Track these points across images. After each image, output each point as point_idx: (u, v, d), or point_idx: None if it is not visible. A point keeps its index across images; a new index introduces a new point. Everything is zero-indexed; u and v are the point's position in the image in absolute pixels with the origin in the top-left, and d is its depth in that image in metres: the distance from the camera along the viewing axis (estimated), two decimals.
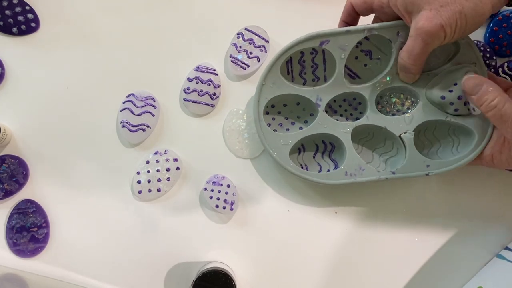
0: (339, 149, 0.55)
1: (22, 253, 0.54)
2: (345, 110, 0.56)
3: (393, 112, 0.53)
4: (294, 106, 0.56)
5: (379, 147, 0.56)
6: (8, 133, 0.54)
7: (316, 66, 0.55)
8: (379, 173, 0.52)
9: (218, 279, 0.50)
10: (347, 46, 0.51)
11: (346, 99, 0.56)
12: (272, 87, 0.52)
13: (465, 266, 0.57)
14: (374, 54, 0.55)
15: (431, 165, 0.51)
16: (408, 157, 0.51)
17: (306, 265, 0.56)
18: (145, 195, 0.54)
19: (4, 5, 0.55)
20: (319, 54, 0.55)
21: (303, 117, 0.56)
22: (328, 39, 0.51)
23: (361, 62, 0.55)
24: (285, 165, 0.52)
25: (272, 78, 0.52)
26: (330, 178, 0.52)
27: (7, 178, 0.54)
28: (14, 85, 0.55)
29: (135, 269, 0.55)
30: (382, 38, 0.51)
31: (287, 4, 0.57)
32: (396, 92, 0.53)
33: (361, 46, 0.55)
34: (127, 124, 0.54)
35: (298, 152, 0.56)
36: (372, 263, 0.57)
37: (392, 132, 0.52)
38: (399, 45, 0.50)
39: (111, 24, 0.56)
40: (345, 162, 0.52)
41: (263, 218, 0.56)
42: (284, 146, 0.52)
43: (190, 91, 0.55)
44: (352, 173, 0.52)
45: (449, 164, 0.51)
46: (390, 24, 0.50)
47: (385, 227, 0.57)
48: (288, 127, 0.56)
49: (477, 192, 0.58)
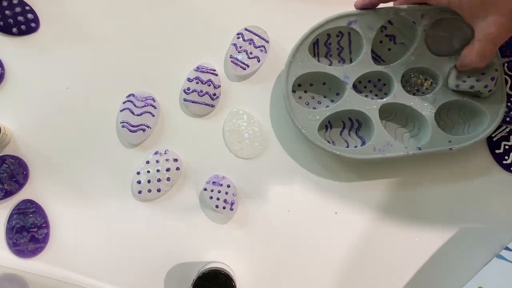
0: (366, 126, 0.56)
1: (22, 253, 0.54)
2: (370, 91, 0.57)
3: (413, 91, 0.56)
4: (321, 86, 0.57)
5: (401, 126, 0.57)
6: (8, 133, 0.54)
7: (341, 49, 0.57)
8: (407, 148, 0.53)
9: (218, 279, 0.50)
10: (374, 26, 0.53)
11: (371, 80, 0.57)
12: (301, 65, 0.53)
13: (465, 266, 0.57)
14: (398, 39, 0.57)
15: (452, 140, 0.54)
16: (432, 134, 0.53)
17: (306, 265, 0.56)
18: (145, 195, 0.54)
19: (4, 5, 0.55)
20: (345, 37, 0.56)
21: (329, 96, 0.57)
22: (356, 19, 0.53)
23: (385, 46, 0.57)
24: (314, 140, 0.53)
25: (300, 56, 0.53)
26: (359, 153, 0.53)
27: (7, 178, 0.54)
28: (14, 85, 0.55)
29: (135, 269, 0.55)
30: (405, 22, 0.53)
31: (287, 4, 0.57)
32: (416, 73, 0.55)
33: (386, 31, 0.56)
34: (127, 124, 0.54)
35: (325, 129, 0.57)
36: (372, 263, 0.57)
37: (416, 111, 0.54)
38: (423, 27, 0.53)
39: (111, 24, 0.56)
40: (373, 138, 0.53)
41: (263, 218, 0.56)
42: (313, 121, 0.53)
43: (190, 91, 0.55)
44: (380, 148, 0.53)
45: (469, 139, 0.54)
46: (416, 7, 0.53)
47: (385, 227, 0.57)
48: (315, 106, 0.57)
49: (477, 192, 0.58)
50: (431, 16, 0.53)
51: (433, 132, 0.54)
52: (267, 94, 0.57)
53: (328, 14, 0.54)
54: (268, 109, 0.57)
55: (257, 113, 0.57)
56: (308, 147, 0.56)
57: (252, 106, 0.57)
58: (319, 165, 0.57)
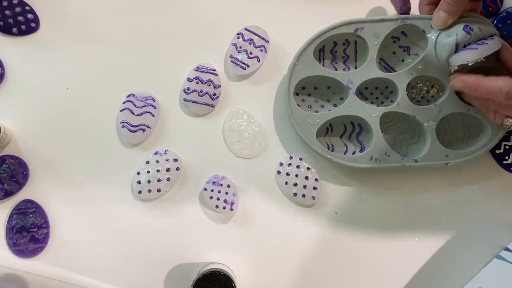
0: (367, 132, 0.56)
1: (22, 253, 0.54)
2: (376, 98, 0.57)
3: (417, 98, 0.56)
4: (325, 90, 0.57)
5: (401, 133, 0.57)
6: (8, 133, 0.54)
7: (347, 57, 0.56)
8: (403, 160, 0.53)
9: (218, 280, 0.50)
10: (380, 34, 0.53)
11: (378, 87, 0.56)
12: (305, 68, 0.53)
13: (465, 267, 0.57)
14: (412, 50, 0.56)
15: (449, 155, 0.53)
16: (430, 146, 0.53)
17: (307, 266, 0.56)
18: (145, 195, 0.54)
19: (4, 5, 0.55)
20: (351, 45, 0.56)
21: (333, 100, 0.57)
22: (362, 26, 0.52)
23: (400, 57, 0.56)
24: (311, 144, 0.53)
25: (305, 58, 0.53)
26: (355, 161, 0.53)
27: (7, 178, 0.54)
28: (14, 85, 0.55)
29: (135, 269, 0.55)
30: (417, 32, 0.53)
31: (287, 4, 0.57)
32: (423, 80, 0.55)
33: (399, 42, 0.56)
34: (127, 124, 0.54)
35: (325, 132, 0.57)
36: (372, 264, 0.57)
37: (419, 121, 0.53)
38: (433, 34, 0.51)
39: (111, 24, 0.56)
40: (372, 146, 0.53)
41: (263, 218, 0.56)
42: (312, 125, 0.54)
43: (190, 91, 0.55)
44: (377, 158, 0.53)
45: (466, 155, 0.54)
46: (425, 16, 0.52)
47: (384, 227, 0.57)
48: (317, 110, 0.57)
49: (477, 193, 0.57)
50: None
51: (432, 144, 0.53)
52: (267, 94, 0.57)
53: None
54: (268, 109, 0.57)
55: (257, 113, 0.57)
56: (308, 148, 0.56)
57: (252, 106, 0.57)
58: (319, 166, 0.56)
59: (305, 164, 0.56)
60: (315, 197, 0.55)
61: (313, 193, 0.55)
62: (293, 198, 0.55)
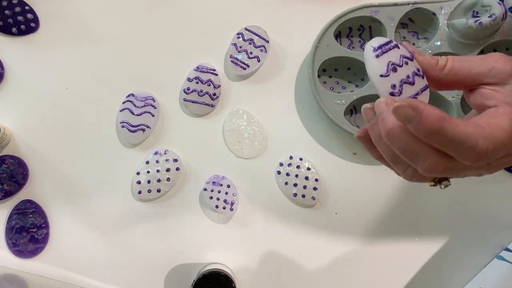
0: None
1: (21, 253, 0.54)
2: None
3: None
4: (345, 71, 0.58)
5: None
6: (8, 133, 0.54)
7: (363, 41, 0.58)
8: None
9: (218, 280, 0.50)
10: (395, 17, 0.54)
11: None
12: (326, 49, 0.54)
13: (465, 267, 0.57)
14: (420, 34, 0.58)
15: None
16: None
17: (307, 266, 0.56)
18: (145, 196, 0.54)
19: (4, 5, 0.55)
20: (366, 31, 0.57)
21: (354, 81, 0.58)
22: (377, 10, 0.54)
23: (409, 42, 0.58)
24: (341, 124, 0.54)
25: (326, 41, 0.54)
26: None
27: (6, 178, 0.54)
28: (14, 85, 0.55)
29: (135, 269, 0.55)
30: (425, 16, 0.55)
31: (287, 4, 0.57)
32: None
33: (408, 28, 0.58)
34: (127, 124, 0.54)
35: (350, 114, 0.57)
36: (372, 264, 0.57)
37: (442, 96, 0.54)
38: (443, 16, 0.54)
39: (111, 24, 0.56)
40: None
41: (263, 218, 0.56)
42: (338, 105, 0.54)
43: (190, 91, 0.55)
44: None
45: None
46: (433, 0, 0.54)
47: (385, 227, 0.57)
48: (339, 91, 0.58)
49: (477, 193, 0.57)
50: (450, 5, 0.54)
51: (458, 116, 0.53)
52: (267, 94, 0.57)
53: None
54: (269, 109, 0.57)
55: (257, 112, 0.57)
56: (308, 146, 0.56)
57: (252, 106, 0.57)
58: (319, 165, 0.56)
59: (305, 164, 0.56)
60: (315, 197, 0.55)
61: (313, 194, 0.55)
62: (293, 198, 0.55)
